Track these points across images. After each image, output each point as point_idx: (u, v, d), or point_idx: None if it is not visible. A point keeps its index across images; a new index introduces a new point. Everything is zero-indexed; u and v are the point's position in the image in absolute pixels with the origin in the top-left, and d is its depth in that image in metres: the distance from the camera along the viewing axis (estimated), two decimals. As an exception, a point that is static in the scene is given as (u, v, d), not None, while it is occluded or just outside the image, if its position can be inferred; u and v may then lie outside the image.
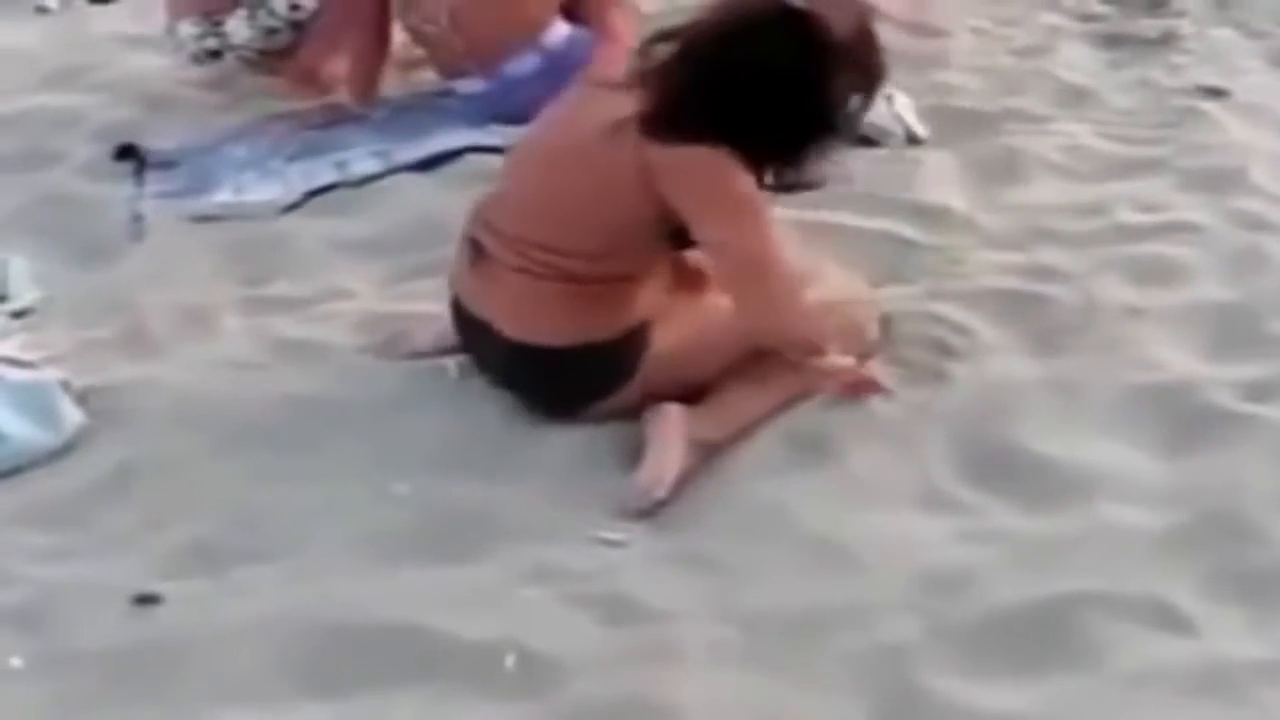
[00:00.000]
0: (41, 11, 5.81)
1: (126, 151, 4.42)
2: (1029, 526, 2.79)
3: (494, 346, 3.12)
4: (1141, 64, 4.71)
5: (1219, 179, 3.93)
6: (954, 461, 2.96)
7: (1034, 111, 4.40)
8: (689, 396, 3.04)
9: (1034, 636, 2.52)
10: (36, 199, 4.23)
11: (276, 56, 4.73)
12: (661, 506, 2.91)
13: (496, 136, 4.12)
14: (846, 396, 3.08)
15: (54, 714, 2.51)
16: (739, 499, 2.89)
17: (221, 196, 4.17)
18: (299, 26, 4.67)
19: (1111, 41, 4.89)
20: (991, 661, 2.49)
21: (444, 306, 3.26)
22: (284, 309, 3.62)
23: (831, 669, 2.50)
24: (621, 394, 3.06)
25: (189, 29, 4.71)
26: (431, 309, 3.39)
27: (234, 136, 4.49)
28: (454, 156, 4.23)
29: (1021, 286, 3.49)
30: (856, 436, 3.02)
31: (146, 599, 2.70)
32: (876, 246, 3.65)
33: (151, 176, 4.32)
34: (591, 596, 2.67)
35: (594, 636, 2.59)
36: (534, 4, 4.34)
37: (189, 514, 2.93)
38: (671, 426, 2.98)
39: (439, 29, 4.36)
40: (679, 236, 3.00)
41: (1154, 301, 3.42)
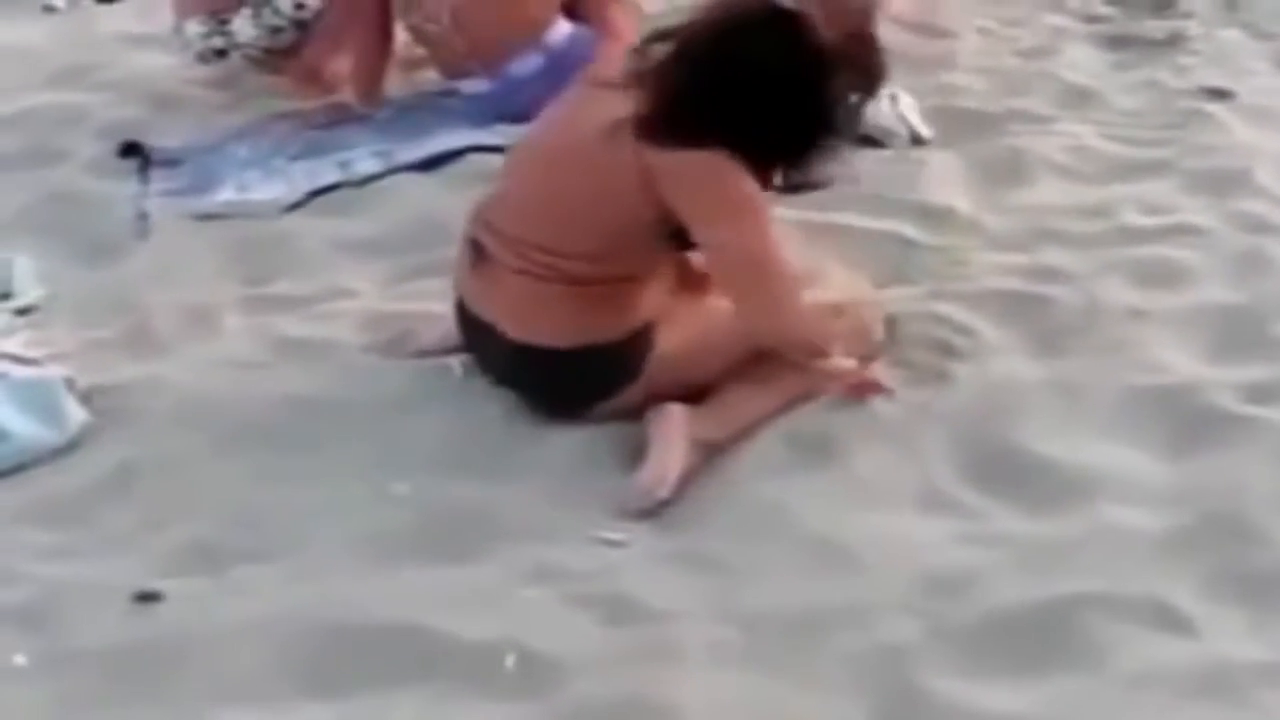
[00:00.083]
0: (49, 10, 5.82)
1: (131, 150, 4.43)
2: (1030, 527, 2.79)
3: (498, 348, 3.11)
4: (1147, 65, 4.69)
5: (1224, 181, 3.92)
6: (956, 462, 2.96)
7: (1039, 112, 4.38)
8: (691, 396, 3.04)
9: (1035, 637, 2.52)
10: (41, 197, 4.24)
11: (281, 55, 4.73)
12: (664, 506, 2.91)
13: (499, 136, 4.11)
14: (849, 397, 3.09)
15: (55, 712, 2.51)
16: (740, 499, 2.89)
17: (225, 195, 4.18)
18: (303, 26, 4.67)
19: (1117, 43, 4.88)
20: (992, 662, 2.49)
21: (447, 306, 3.26)
22: (287, 308, 3.62)
23: (832, 669, 2.49)
24: (625, 395, 3.06)
25: (195, 28, 4.71)
26: (433, 308, 3.39)
27: (238, 135, 4.49)
28: (456, 156, 4.23)
29: (1025, 288, 3.49)
30: (858, 437, 3.02)
31: (148, 596, 2.71)
32: (880, 247, 3.65)
33: (156, 175, 4.32)
34: (592, 596, 2.67)
35: (594, 637, 2.59)
36: (535, 3, 4.33)
37: (190, 513, 2.93)
38: (674, 426, 2.98)
39: (441, 28, 4.35)
40: (679, 238, 3.00)
41: (1157, 303, 3.41)
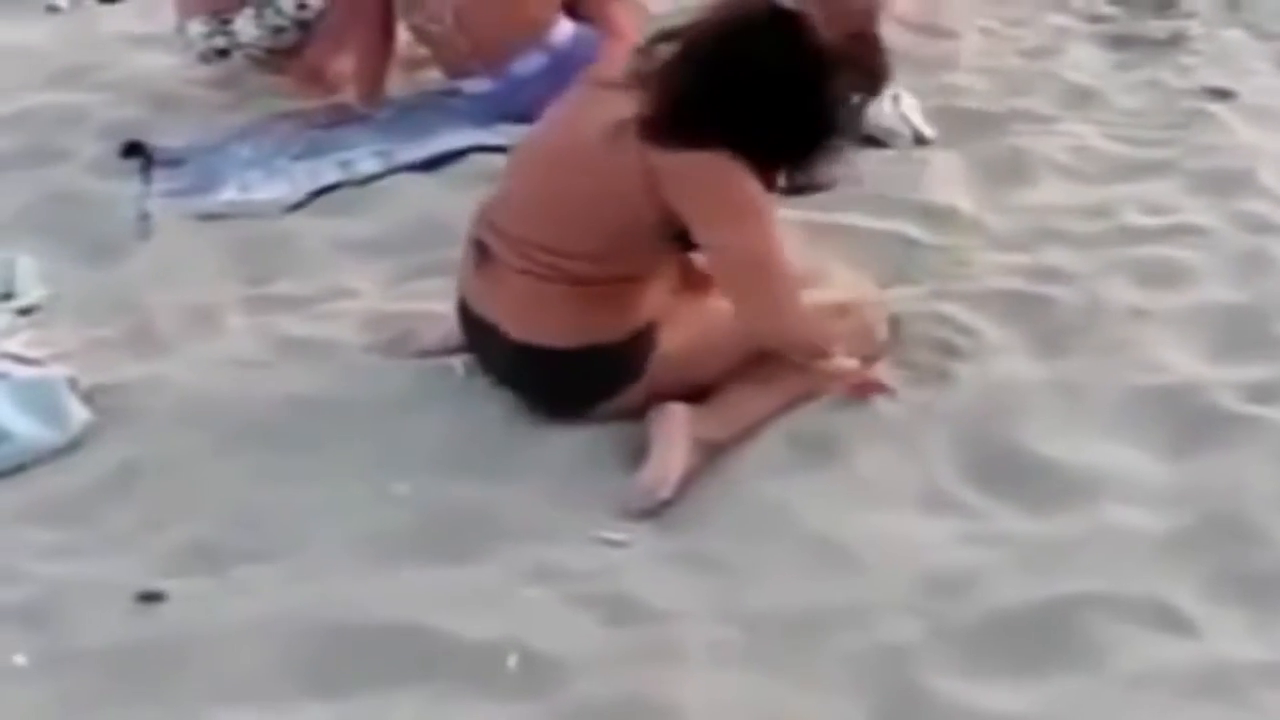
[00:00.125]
0: (52, 11, 5.82)
1: (133, 149, 4.43)
2: (1032, 528, 2.79)
3: (500, 348, 3.11)
4: (1149, 65, 4.69)
5: (1226, 181, 3.92)
6: (957, 462, 2.96)
7: (1041, 112, 4.38)
8: (693, 396, 3.04)
9: (1036, 637, 2.52)
10: (43, 196, 4.24)
11: (283, 55, 4.74)
12: (665, 506, 2.90)
13: (501, 136, 4.12)
14: (852, 398, 3.08)
15: (56, 712, 2.51)
16: (742, 499, 2.89)
17: (227, 195, 4.18)
18: (306, 26, 4.67)
19: (1120, 42, 4.88)
20: (993, 662, 2.49)
21: (449, 306, 3.26)
22: (288, 308, 3.62)
23: (833, 669, 2.49)
24: (627, 395, 3.06)
25: (198, 28, 4.72)
26: (435, 308, 3.39)
27: (240, 135, 4.49)
28: (459, 156, 4.23)
29: (1027, 288, 3.49)
30: (860, 437, 3.02)
31: (150, 596, 2.71)
32: (882, 247, 3.65)
33: (158, 175, 4.32)
34: (593, 596, 2.66)
35: (596, 636, 2.59)
36: (536, 3, 4.33)
37: (192, 513, 2.93)
38: (676, 426, 2.98)
39: (443, 28, 4.35)
40: (683, 239, 3.00)
41: (1159, 303, 3.41)
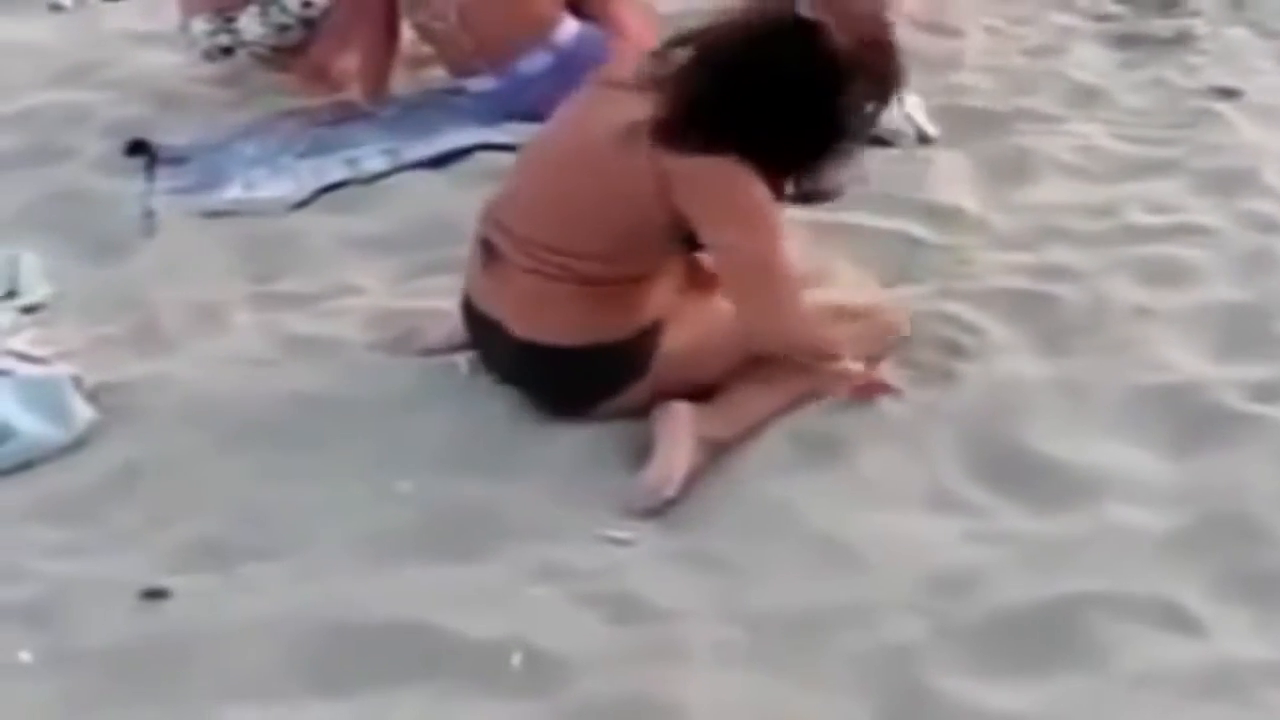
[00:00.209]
0: (56, 9, 5.82)
1: (138, 147, 4.43)
2: (1036, 527, 2.79)
3: (504, 346, 3.11)
4: (1155, 64, 4.68)
5: (1231, 180, 3.92)
6: (962, 462, 2.96)
7: (1046, 111, 4.38)
8: (698, 395, 3.04)
9: (1040, 637, 2.52)
10: (48, 195, 4.23)
11: (288, 53, 4.73)
12: (669, 505, 2.90)
13: (507, 134, 4.12)
14: (857, 399, 3.08)
15: (61, 709, 2.51)
16: (746, 498, 2.89)
17: (232, 193, 4.18)
18: (310, 23, 4.67)
19: (1125, 41, 4.87)
20: (997, 661, 2.49)
21: (454, 304, 3.26)
22: (294, 305, 3.62)
23: (837, 669, 2.49)
24: (632, 393, 3.06)
25: (202, 25, 4.71)
26: (440, 306, 3.39)
27: (245, 133, 4.49)
28: (464, 154, 4.23)
29: (1031, 286, 3.48)
30: (865, 436, 3.01)
31: (155, 593, 2.71)
32: (887, 246, 3.65)
33: (162, 172, 4.32)
34: (598, 595, 2.66)
35: (600, 635, 2.59)
36: (541, 0, 4.33)
37: (196, 511, 2.94)
38: (680, 425, 2.98)
39: (448, 26, 4.35)
40: (690, 240, 3.00)
41: (1164, 302, 3.41)
